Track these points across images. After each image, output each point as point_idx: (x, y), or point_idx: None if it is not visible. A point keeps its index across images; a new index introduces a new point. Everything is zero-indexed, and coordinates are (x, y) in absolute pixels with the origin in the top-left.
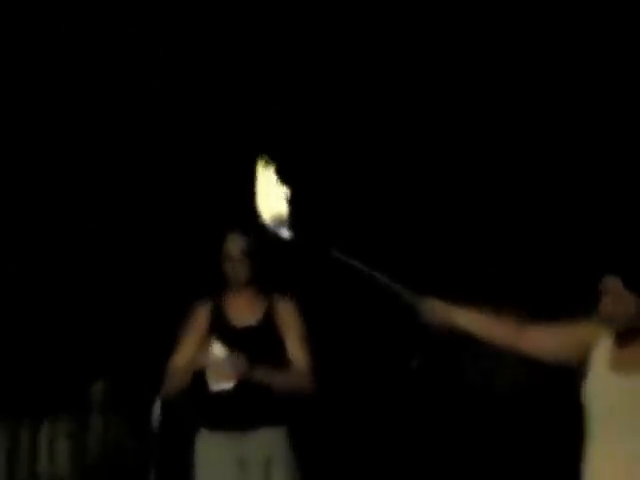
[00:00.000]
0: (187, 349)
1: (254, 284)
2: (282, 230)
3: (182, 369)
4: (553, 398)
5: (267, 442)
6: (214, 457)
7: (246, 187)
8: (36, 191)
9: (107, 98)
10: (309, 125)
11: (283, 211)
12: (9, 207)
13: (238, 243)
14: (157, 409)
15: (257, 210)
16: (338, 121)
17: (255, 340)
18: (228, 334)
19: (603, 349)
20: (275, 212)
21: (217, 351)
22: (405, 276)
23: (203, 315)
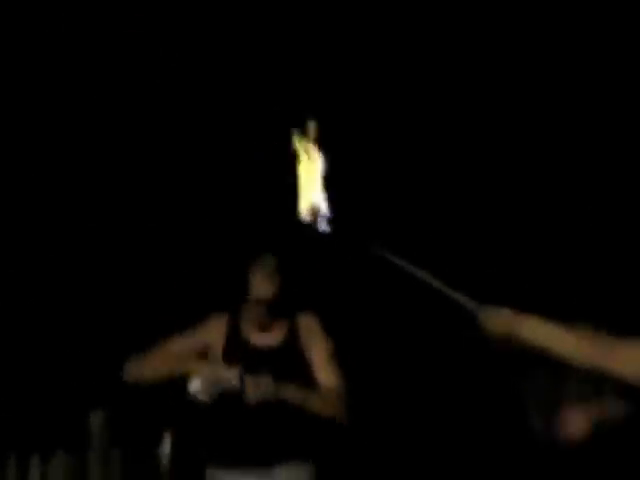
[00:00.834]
0: (182, 347)
1: (277, 302)
2: (320, 224)
3: (164, 361)
4: None
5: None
6: None
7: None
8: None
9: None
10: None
11: (321, 202)
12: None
13: (271, 260)
14: (167, 443)
15: (294, 201)
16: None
17: (277, 361)
18: (246, 353)
19: None
20: (312, 203)
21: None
22: (463, 282)
23: (218, 327)
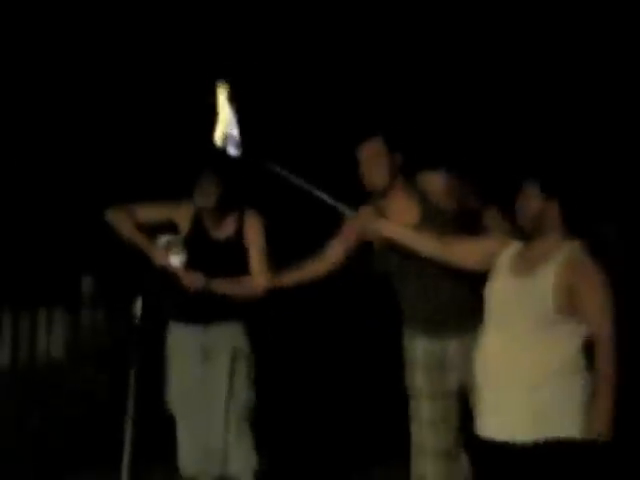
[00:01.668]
0: (151, 214)
1: (219, 207)
2: (230, 148)
3: (130, 223)
4: None
5: (228, 334)
6: (182, 345)
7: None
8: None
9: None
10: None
11: (232, 131)
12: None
13: (208, 193)
14: (139, 302)
15: (213, 132)
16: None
17: (227, 250)
18: (205, 241)
19: (506, 256)
20: (224, 132)
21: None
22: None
23: (186, 211)
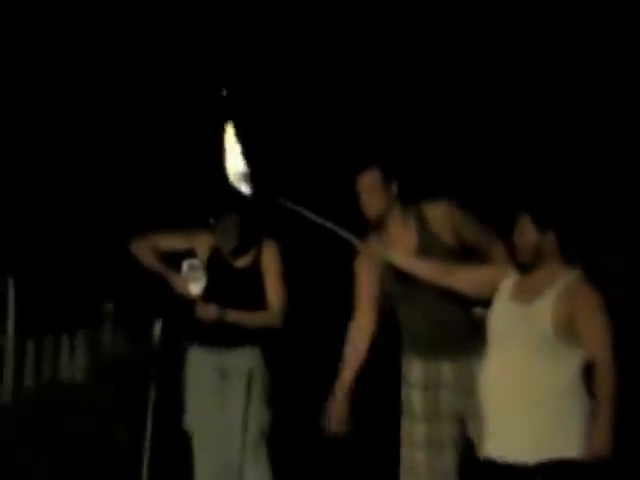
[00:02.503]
0: (171, 244)
1: (240, 246)
2: (242, 185)
3: (153, 253)
4: None
5: (245, 358)
6: (200, 368)
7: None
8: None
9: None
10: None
11: (243, 169)
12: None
13: (226, 235)
14: (158, 327)
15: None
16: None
17: (245, 279)
18: (225, 269)
19: (507, 284)
20: (236, 170)
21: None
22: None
23: (205, 240)
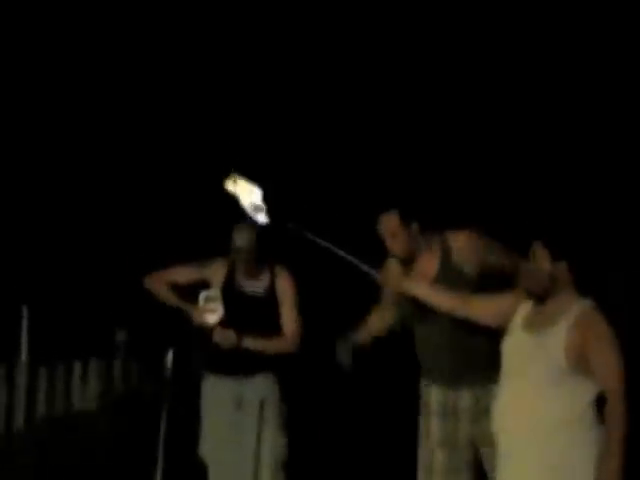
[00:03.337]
0: (186, 277)
1: (256, 254)
2: (258, 216)
3: (166, 285)
4: None
5: (261, 386)
6: (216, 395)
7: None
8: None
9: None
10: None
11: (256, 200)
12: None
13: (245, 235)
14: (170, 356)
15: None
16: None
17: (260, 305)
18: (239, 297)
19: (521, 314)
20: (252, 202)
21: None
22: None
23: (218, 269)
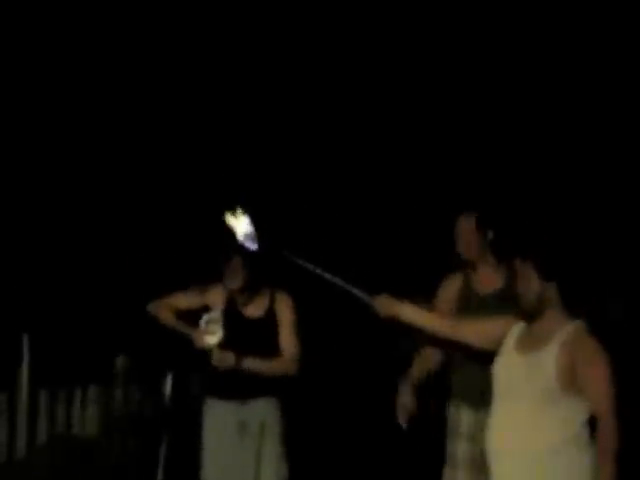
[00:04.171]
0: (186, 303)
1: (248, 288)
2: (249, 243)
3: (169, 311)
4: None
5: (262, 409)
6: (218, 420)
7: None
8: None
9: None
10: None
11: (248, 228)
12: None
13: (233, 275)
14: (169, 381)
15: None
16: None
17: (259, 329)
18: (239, 320)
19: (513, 335)
20: (243, 231)
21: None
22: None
23: (218, 293)
